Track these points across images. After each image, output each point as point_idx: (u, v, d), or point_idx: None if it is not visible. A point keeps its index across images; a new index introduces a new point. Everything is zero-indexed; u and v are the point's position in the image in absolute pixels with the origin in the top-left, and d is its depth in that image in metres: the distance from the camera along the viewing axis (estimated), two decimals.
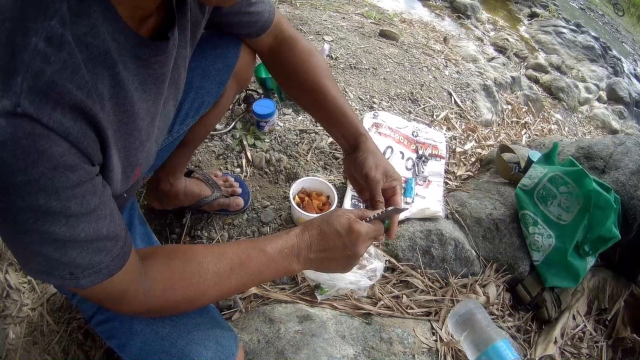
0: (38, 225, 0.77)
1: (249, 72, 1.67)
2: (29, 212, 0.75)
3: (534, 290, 1.99)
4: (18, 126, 0.67)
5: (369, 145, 1.48)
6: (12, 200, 0.73)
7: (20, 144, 0.68)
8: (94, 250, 0.86)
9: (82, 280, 0.87)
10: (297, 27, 3.56)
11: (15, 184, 0.70)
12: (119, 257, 0.92)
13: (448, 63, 3.77)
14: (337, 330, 1.66)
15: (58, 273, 0.85)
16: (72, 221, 0.80)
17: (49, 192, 0.74)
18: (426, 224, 2.09)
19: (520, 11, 7.49)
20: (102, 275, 0.89)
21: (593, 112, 4.98)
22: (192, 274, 1.07)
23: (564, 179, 1.98)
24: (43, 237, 0.79)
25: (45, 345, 1.82)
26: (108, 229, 0.88)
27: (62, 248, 0.81)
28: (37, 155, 0.70)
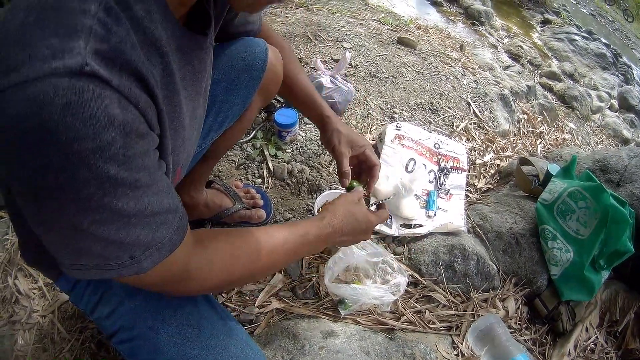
0: (105, 201, 0.70)
1: (275, 85, 1.64)
2: (96, 186, 0.68)
3: (551, 304, 2.00)
4: (85, 87, 0.62)
5: (334, 124, 1.66)
6: (77, 173, 0.65)
7: (88, 106, 0.63)
8: (156, 225, 0.82)
9: (145, 262, 0.83)
10: (316, 34, 3.57)
11: (82, 152, 0.64)
12: (179, 230, 0.89)
13: (466, 72, 3.77)
14: (361, 346, 1.65)
15: (116, 262, 0.80)
16: (140, 193, 0.76)
17: (120, 161, 0.69)
18: (449, 239, 2.09)
19: (532, 18, 7.47)
20: (164, 251, 0.86)
21: (605, 121, 4.97)
22: (250, 250, 1.12)
23: (582, 194, 1.98)
24: (107, 216, 0.73)
25: (56, 353, 1.78)
26: (168, 201, 0.85)
27: (126, 227, 0.76)
28: (108, 120, 0.65)
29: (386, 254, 1.89)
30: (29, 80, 0.61)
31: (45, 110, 0.61)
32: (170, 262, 0.89)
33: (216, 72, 1.43)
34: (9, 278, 1.95)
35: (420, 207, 2.27)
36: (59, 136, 0.62)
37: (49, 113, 0.61)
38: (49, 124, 0.61)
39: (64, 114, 0.61)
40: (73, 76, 0.62)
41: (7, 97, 0.62)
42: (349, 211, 1.43)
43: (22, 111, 0.61)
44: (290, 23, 3.70)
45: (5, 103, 0.62)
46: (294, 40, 3.42)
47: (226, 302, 1.79)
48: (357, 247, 1.83)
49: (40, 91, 0.60)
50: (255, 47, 1.50)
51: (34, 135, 0.62)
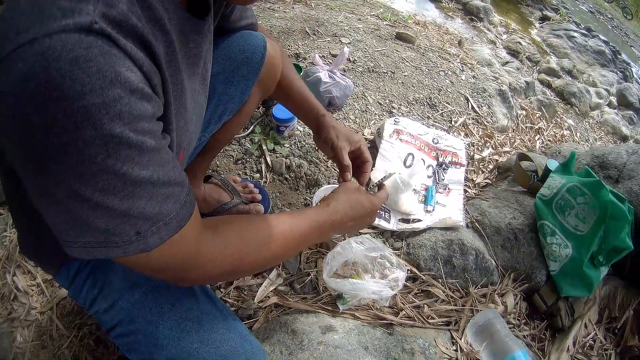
0: (109, 163, 0.68)
1: (274, 79, 1.63)
2: (100, 146, 0.65)
3: (550, 300, 2.00)
4: (93, 42, 0.62)
5: (329, 122, 1.67)
6: (81, 131, 0.63)
7: (95, 60, 0.62)
8: (163, 197, 0.79)
9: (151, 239, 0.80)
10: (314, 29, 3.57)
11: (87, 107, 0.62)
12: (187, 205, 0.87)
13: (464, 67, 3.77)
14: (360, 341, 1.65)
15: (121, 238, 0.77)
16: (145, 159, 0.73)
17: (126, 120, 0.67)
18: (448, 234, 2.09)
19: (531, 14, 7.48)
20: (172, 227, 0.83)
21: (604, 118, 4.97)
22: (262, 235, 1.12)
23: (581, 189, 1.98)
24: (112, 182, 0.70)
25: (55, 350, 1.77)
26: (175, 173, 0.82)
27: (131, 196, 0.73)
28: (115, 75, 0.64)
29: (385, 248, 1.89)
30: (38, 37, 0.61)
31: (53, 65, 0.60)
32: (178, 242, 0.86)
33: (215, 65, 1.43)
34: (8, 275, 1.94)
35: (418, 201, 2.26)
36: (65, 91, 0.61)
37: (57, 68, 0.60)
38: (56, 78, 0.60)
39: (71, 68, 0.61)
40: (82, 32, 0.62)
41: (15, 57, 0.61)
42: (352, 197, 1.44)
43: (29, 68, 0.60)
44: (289, 18, 3.70)
45: (13, 63, 0.61)
46: (292, 35, 3.42)
47: (225, 297, 1.79)
48: (356, 241, 1.83)
49: (49, 46, 0.60)
50: (255, 40, 1.50)
51: (40, 91, 0.61)
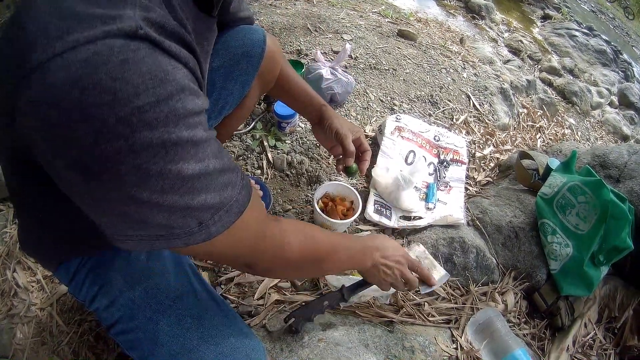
0: (167, 163, 0.67)
1: (274, 73, 1.65)
2: (158, 146, 0.65)
3: (550, 299, 2.00)
4: (140, 45, 0.62)
5: (331, 112, 1.70)
6: (136, 132, 0.62)
7: (144, 62, 0.62)
8: (221, 185, 0.79)
9: (213, 228, 0.79)
10: (316, 25, 3.56)
11: (142, 107, 0.61)
12: (245, 190, 0.86)
13: (466, 65, 3.76)
14: (361, 339, 1.65)
15: (183, 229, 0.76)
16: (201, 152, 0.73)
17: (181, 116, 0.67)
18: (449, 231, 2.09)
19: (533, 13, 7.45)
20: (233, 213, 0.82)
21: (605, 117, 4.95)
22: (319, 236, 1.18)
23: (582, 189, 1.98)
24: (171, 181, 0.69)
25: (55, 346, 1.78)
26: (227, 159, 0.81)
27: (191, 191, 0.73)
28: (164, 75, 0.64)
29: None
30: (79, 45, 0.59)
31: (102, 69, 0.59)
32: (240, 227, 0.86)
33: (215, 59, 1.45)
34: (8, 271, 1.94)
35: (419, 199, 2.26)
36: (117, 93, 0.60)
37: (106, 71, 0.59)
38: (106, 81, 0.59)
39: (122, 70, 0.60)
40: (128, 38, 0.62)
41: (52, 66, 0.60)
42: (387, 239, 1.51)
43: (73, 75, 0.59)
44: (291, 15, 3.69)
45: (51, 72, 0.60)
46: (294, 31, 3.41)
47: (225, 294, 1.79)
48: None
49: (94, 52, 0.59)
50: (254, 34, 1.52)
51: (88, 97, 0.59)
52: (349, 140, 1.64)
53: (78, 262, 1.20)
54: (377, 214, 2.11)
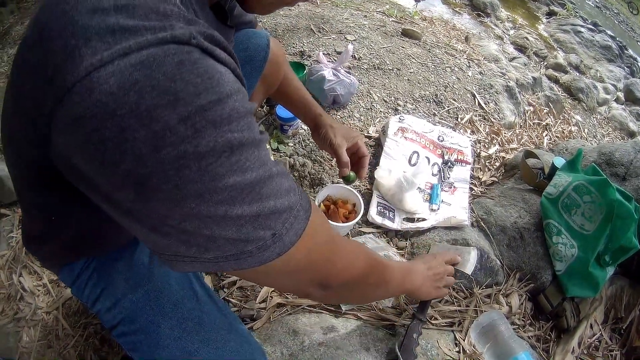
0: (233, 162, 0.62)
1: (277, 76, 1.66)
2: (224, 146, 0.61)
3: (555, 300, 1.98)
4: (193, 51, 0.61)
5: (326, 121, 1.75)
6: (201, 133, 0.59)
7: (200, 63, 0.60)
8: (286, 190, 0.73)
9: (287, 236, 0.74)
10: (319, 26, 3.56)
11: (205, 105, 0.59)
12: (304, 194, 0.81)
13: (471, 63, 3.73)
14: (362, 342, 1.64)
15: (255, 244, 0.70)
16: (263, 152, 0.68)
17: (241, 114, 0.64)
18: (452, 233, 2.08)
19: (538, 9, 7.44)
20: (302, 218, 0.77)
21: (611, 114, 4.94)
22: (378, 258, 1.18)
23: (588, 188, 1.96)
24: (239, 187, 0.64)
25: (60, 349, 1.79)
26: (279, 165, 0.75)
27: (259, 198, 0.67)
28: (220, 76, 0.62)
29: (388, 248, 1.89)
30: (132, 51, 0.57)
31: (158, 70, 0.57)
32: (311, 234, 0.80)
33: None
34: (14, 275, 1.96)
35: (423, 200, 2.26)
36: (178, 93, 0.57)
37: (164, 72, 0.57)
38: (165, 82, 0.57)
39: (179, 71, 0.58)
40: (181, 44, 0.60)
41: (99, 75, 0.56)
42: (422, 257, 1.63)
43: (127, 79, 0.56)
44: (294, 16, 3.69)
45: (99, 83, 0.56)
46: (297, 33, 3.41)
47: (227, 298, 1.80)
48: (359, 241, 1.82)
49: (149, 55, 0.57)
50: (258, 38, 1.53)
51: (148, 98, 0.56)
52: (342, 150, 1.68)
53: (82, 264, 1.21)
54: (380, 215, 2.10)
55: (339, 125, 1.74)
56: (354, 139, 1.74)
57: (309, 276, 0.90)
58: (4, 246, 2.06)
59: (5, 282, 1.95)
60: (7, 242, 2.07)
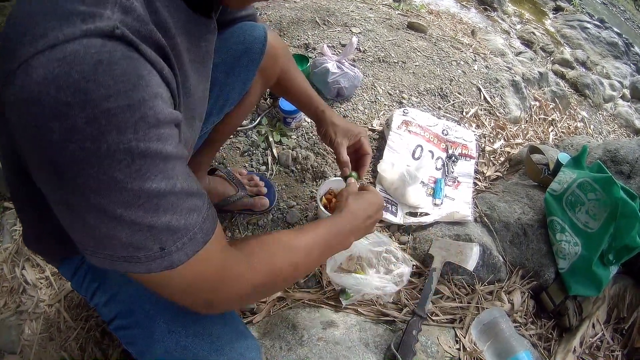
0: (133, 170, 0.66)
1: (275, 69, 1.64)
2: (125, 152, 0.64)
3: (558, 298, 1.97)
4: (116, 47, 0.63)
5: (328, 118, 1.70)
6: (105, 135, 0.62)
7: (119, 64, 0.62)
8: (187, 210, 0.77)
9: (176, 255, 0.77)
10: (324, 19, 3.54)
11: (112, 110, 0.61)
12: (210, 219, 0.84)
13: (477, 57, 3.71)
14: (361, 338, 1.64)
15: (144, 253, 0.74)
16: (170, 167, 0.72)
17: (151, 124, 0.66)
18: (455, 228, 2.07)
19: (545, 4, 7.40)
20: (197, 242, 0.80)
21: (617, 110, 4.91)
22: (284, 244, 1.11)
23: (592, 185, 1.94)
24: (136, 194, 0.68)
25: (62, 342, 1.80)
26: (195, 183, 0.81)
27: (156, 209, 0.71)
28: (137, 79, 0.64)
29: (390, 243, 1.88)
30: (59, 42, 0.60)
31: (76, 68, 0.59)
32: (204, 258, 0.83)
33: (216, 56, 1.43)
34: (17, 268, 1.98)
35: (427, 194, 2.24)
36: (88, 93, 0.60)
37: (81, 71, 0.60)
38: (79, 82, 0.60)
39: (95, 71, 0.60)
40: (105, 38, 0.62)
41: (34, 62, 0.60)
42: (354, 196, 1.44)
43: (49, 73, 0.59)
44: (299, 8, 3.67)
45: (32, 69, 0.60)
46: (302, 25, 3.40)
47: None
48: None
49: (71, 51, 0.60)
50: (255, 30, 1.51)
51: (62, 96, 0.60)
52: (342, 149, 1.66)
53: (80, 258, 1.23)
54: (383, 210, 2.08)
55: (341, 122, 1.72)
56: (357, 137, 1.71)
57: (192, 298, 0.91)
58: (7, 239, 2.08)
59: (8, 275, 1.97)
60: (11, 235, 2.09)
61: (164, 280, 0.81)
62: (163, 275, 0.79)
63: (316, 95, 1.74)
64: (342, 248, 1.36)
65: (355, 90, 2.79)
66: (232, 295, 0.96)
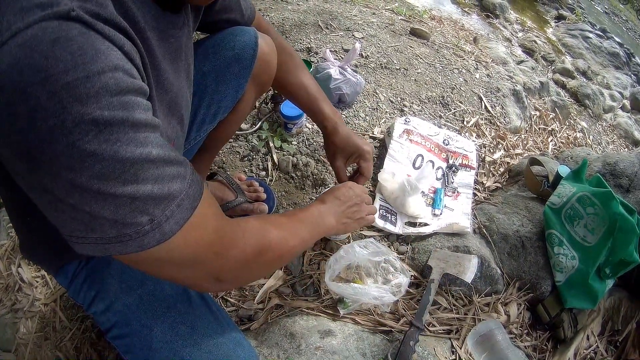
0: (102, 139, 0.65)
1: (269, 75, 1.62)
2: (90, 123, 0.63)
3: (554, 311, 1.98)
4: (72, 27, 0.63)
5: (330, 134, 1.71)
6: (67, 108, 0.62)
7: (76, 40, 0.63)
8: (169, 177, 0.76)
9: (167, 225, 0.76)
10: (327, 23, 3.53)
11: (72, 82, 0.61)
12: (195, 183, 0.84)
13: (478, 65, 3.71)
14: (358, 347, 1.64)
15: (134, 229, 0.73)
16: (141, 134, 0.70)
17: (113, 92, 0.65)
18: (454, 240, 2.07)
19: (547, 13, 7.42)
20: (186, 208, 0.80)
21: (617, 121, 4.92)
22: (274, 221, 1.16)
23: (591, 200, 1.95)
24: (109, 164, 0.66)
25: (57, 341, 1.80)
26: (174, 153, 0.79)
27: (134, 179, 0.70)
28: (95, 53, 0.64)
29: (389, 253, 1.87)
30: (20, 30, 0.61)
31: (35, 49, 0.60)
32: (198, 224, 0.83)
33: (206, 63, 1.45)
34: (13, 266, 1.98)
35: (426, 204, 2.25)
36: (49, 70, 0.60)
37: (39, 51, 0.60)
38: (39, 60, 0.60)
39: (52, 48, 0.61)
40: (62, 20, 0.63)
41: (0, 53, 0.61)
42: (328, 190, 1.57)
43: (12, 59, 0.60)
44: (302, 11, 3.66)
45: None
46: (304, 29, 3.39)
47: (226, 297, 1.81)
48: (359, 245, 1.81)
49: (31, 35, 0.61)
50: (244, 35, 1.49)
51: (24, 78, 0.60)
52: (340, 173, 1.75)
53: (75, 266, 1.23)
54: (382, 219, 2.09)
55: (343, 140, 1.72)
56: (357, 159, 1.76)
57: (199, 270, 0.91)
58: (3, 236, 2.07)
59: (4, 272, 1.96)
60: (7, 232, 2.09)
61: (162, 255, 0.80)
62: (160, 250, 0.78)
63: (320, 106, 1.72)
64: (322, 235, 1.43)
65: (357, 97, 2.78)
66: (239, 260, 0.97)
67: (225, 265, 0.94)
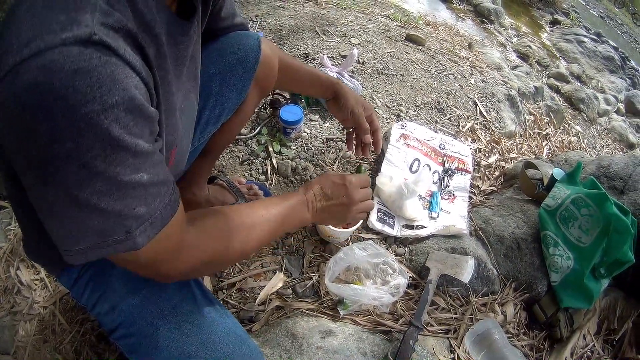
0: (106, 165, 0.73)
1: (271, 78, 1.66)
2: (100, 149, 0.71)
3: (550, 311, 2.00)
4: (94, 54, 0.68)
5: (345, 90, 1.78)
6: (83, 135, 0.69)
7: (96, 71, 0.67)
8: (152, 197, 0.85)
9: (139, 238, 0.85)
10: (324, 29, 3.55)
11: (89, 114, 0.68)
12: (171, 204, 0.91)
13: (473, 71, 3.74)
14: (359, 347, 1.66)
15: (113, 238, 0.82)
16: (139, 161, 0.79)
17: (123, 124, 0.73)
18: (450, 242, 2.09)
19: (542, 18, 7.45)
20: (157, 226, 0.88)
21: (611, 125, 4.95)
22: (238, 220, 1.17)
23: (586, 201, 1.97)
24: (108, 183, 0.75)
25: (57, 344, 1.80)
26: (163, 172, 0.88)
27: (124, 197, 0.79)
28: (114, 84, 0.69)
29: (387, 254, 1.89)
30: (40, 51, 0.65)
31: (56, 77, 0.65)
32: (164, 238, 0.91)
33: (210, 66, 1.48)
34: (11, 269, 1.96)
35: (423, 207, 2.27)
36: (68, 100, 0.66)
37: (59, 79, 0.65)
38: (59, 89, 0.65)
39: (73, 79, 0.66)
40: (82, 44, 0.67)
41: (19, 70, 0.66)
42: (323, 177, 1.49)
43: (33, 80, 0.65)
44: (299, 17, 3.68)
45: (17, 76, 0.66)
46: (301, 34, 3.41)
47: (227, 299, 1.81)
48: (359, 247, 1.83)
49: (51, 60, 0.65)
50: (249, 39, 1.53)
51: (44, 101, 0.66)
52: (362, 119, 1.76)
53: (79, 269, 1.24)
54: (380, 222, 2.12)
55: (355, 94, 1.79)
56: (369, 110, 1.81)
57: (154, 270, 0.99)
58: (1, 238, 2.07)
59: (3, 274, 1.96)
60: (5, 234, 2.08)
61: (130, 257, 0.89)
62: (128, 254, 0.87)
63: (322, 73, 1.81)
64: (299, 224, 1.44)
65: None
66: (185, 268, 1.04)
67: (178, 267, 1.02)
